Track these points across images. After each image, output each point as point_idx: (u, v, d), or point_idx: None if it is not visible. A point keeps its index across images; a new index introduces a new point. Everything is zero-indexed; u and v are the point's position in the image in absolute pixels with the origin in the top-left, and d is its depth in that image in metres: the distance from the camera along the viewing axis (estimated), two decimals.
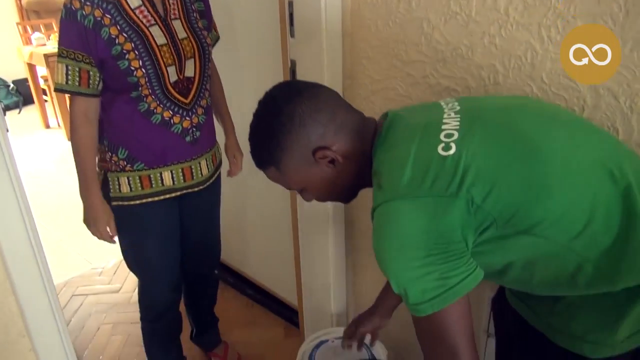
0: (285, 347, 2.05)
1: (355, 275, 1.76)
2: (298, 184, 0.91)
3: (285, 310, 2.24)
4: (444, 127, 0.78)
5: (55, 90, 1.30)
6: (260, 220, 2.22)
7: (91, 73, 1.26)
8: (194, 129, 1.41)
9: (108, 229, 1.38)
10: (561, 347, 0.84)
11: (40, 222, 3.20)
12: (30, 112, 5.36)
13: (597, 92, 0.99)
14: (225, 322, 2.20)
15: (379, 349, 1.44)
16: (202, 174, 1.47)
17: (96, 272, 2.70)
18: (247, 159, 1.69)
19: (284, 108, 0.85)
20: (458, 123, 0.78)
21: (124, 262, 1.60)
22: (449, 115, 0.81)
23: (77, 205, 1.37)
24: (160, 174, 1.39)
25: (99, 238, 1.41)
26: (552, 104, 1.02)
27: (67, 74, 1.25)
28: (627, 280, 0.75)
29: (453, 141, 0.75)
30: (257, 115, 0.89)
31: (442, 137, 0.76)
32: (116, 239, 1.45)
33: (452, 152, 0.73)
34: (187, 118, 1.38)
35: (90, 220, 1.37)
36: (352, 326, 1.37)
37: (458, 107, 0.83)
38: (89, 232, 1.40)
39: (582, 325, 0.81)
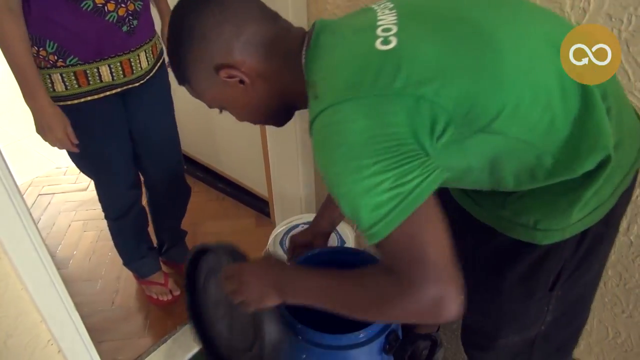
0: (258, 235, 2.11)
1: None
2: (213, 103, 0.84)
3: (256, 201, 2.27)
4: (379, 22, 0.69)
5: None
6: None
7: None
8: (131, 17, 1.27)
9: (67, 134, 1.29)
10: (510, 237, 0.84)
11: None
12: None
13: None
14: (196, 215, 2.23)
15: (346, 231, 1.50)
16: (141, 67, 1.36)
17: (61, 171, 2.65)
18: None
19: (186, 20, 0.75)
20: (395, 17, 0.70)
21: None
22: (383, 12, 0.72)
23: None
24: (98, 69, 1.27)
25: (59, 147, 1.32)
26: None
27: None
28: (587, 164, 0.73)
29: (393, 34, 0.66)
30: (168, 26, 0.79)
31: (379, 32, 0.68)
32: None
33: (392, 45, 0.65)
34: (122, 5, 1.24)
35: (44, 128, 1.26)
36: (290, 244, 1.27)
37: (392, 4, 0.75)
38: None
39: (533, 215, 0.80)
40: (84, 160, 1.46)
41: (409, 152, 0.63)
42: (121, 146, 1.47)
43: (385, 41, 0.65)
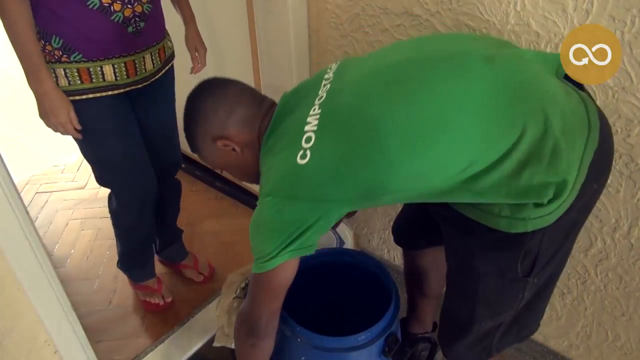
0: None
1: None
2: (216, 166, 1.10)
3: (254, 200, 2.24)
4: (306, 128, 0.88)
5: None
6: None
7: None
8: (137, 19, 1.27)
9: (70, 119, 1.27)
10: (482, 224, 0.91)
11: None
12: None
13: None
14: (195, 214, 2.23)
15: (346, 232, 1.49)
16: (145, 69, 1.35)
17: (58, 169, 2.64)
18: (210, 53, 1.59)
19: (194, 103, 1.03)
20: (317, 122, 0.88)
21: None
22: (314, 110, 0.90)
23: (30, 101, 1.25)
24: (101, 67, 1.26)
25: (62, 132, 1.30)
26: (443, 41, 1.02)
27: None
28: (490, 198, 0.86)
29: (309, 148, 0.86)
30: (185, 108, 1.06)
31: (303, 142, 0.87)
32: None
33: (306, 160, 0.85)
34: (129, 6, 1.23)
35: (48, 113, 1.24)
36: None
37: (324, 96, 0.91)
38: (46, 128, 1.28)
39: (498, 206, 0.88)
40: (97, 160, 1.43)
41: (293, 239, 0.89)
42: (132, 145, 1.44)
43: (303, 155, 0.86)
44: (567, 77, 0.93)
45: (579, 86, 0.92)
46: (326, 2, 1.47)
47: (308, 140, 0.87)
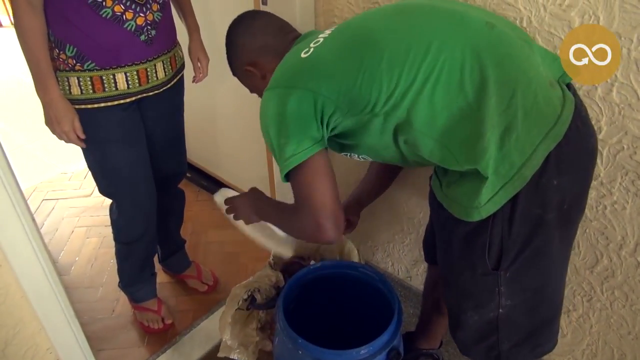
0: (260, 246, 2.10)
1: None
2: (251, 90, 1.21)
3: None
4: (319, 36, 0.99)
5: None
6: (233, 122, 2.18)
7: None
8: (149, 27, 1.29)
9: (74, 128, 1.29)
10: (455, 218, 0.95)
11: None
12: None
13: None
14: (199, 224, 2.23)
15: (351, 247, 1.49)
16: (157, 77, 1.37)
17: (65, 176, 2.65)
18: (213, 63, 1.61)
19: (230, 33, 1.16)
20: (330, 31, 0.99)
21: None
22: (332, 27, 1.01)
23: (39, 107, 1.27)
24: (114, 75, 1.28)
25: (66, 140, 1.32)
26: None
27: None
28: (462, 163, 0.88)
29: (315, 46, 0.96)
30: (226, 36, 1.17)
31: (311, 44, 0.97)
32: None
33: (309, 54, 0.95)
34: (141, 14, 1.26)
35: (52, 120, 1.27)
36: None
37: (343, 22, 1.01)
38: (54, 135, 1.31)
39: (459, 194, 0.93)
40: (101, 169, 1.44)
41: (297, 128, 0.93)
42: (140, 157, 1.45)
43: (307, 51, 0.96)
44: (568, 86, 0.94)
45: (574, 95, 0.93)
46: (334, 15, 1.49)
47: (316, 42, 0.98)
